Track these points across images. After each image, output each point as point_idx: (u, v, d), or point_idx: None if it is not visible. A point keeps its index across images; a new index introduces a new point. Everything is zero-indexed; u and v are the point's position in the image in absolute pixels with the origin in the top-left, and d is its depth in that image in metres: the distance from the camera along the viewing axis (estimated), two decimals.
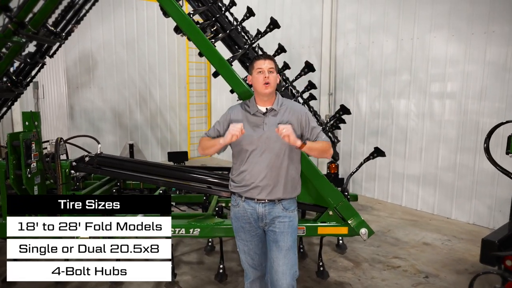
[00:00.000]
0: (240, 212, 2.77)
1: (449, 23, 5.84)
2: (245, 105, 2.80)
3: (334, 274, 4.24)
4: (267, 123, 2.69)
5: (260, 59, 2.70)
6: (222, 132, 2.74)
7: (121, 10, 9.20)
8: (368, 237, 3.52)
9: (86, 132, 8.93)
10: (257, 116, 2.72)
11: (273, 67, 2.68)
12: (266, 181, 2.67)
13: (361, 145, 7.21)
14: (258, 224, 2.76)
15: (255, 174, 2.67)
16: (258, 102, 2.75)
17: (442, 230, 5.59)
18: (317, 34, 7.65)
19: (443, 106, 6.02)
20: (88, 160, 3.54)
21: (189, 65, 10.26)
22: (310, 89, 4.54)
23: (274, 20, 3.83)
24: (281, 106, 2.73)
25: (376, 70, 6.83)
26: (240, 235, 2.83)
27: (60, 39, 5.63)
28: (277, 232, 2.71)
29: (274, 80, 2.67)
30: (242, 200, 2.75)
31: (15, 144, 3.30)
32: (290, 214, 2.75)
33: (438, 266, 4.49)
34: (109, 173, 3.62)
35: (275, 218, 2.71)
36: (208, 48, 3.49)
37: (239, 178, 2.75)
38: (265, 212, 2.71)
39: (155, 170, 3.59)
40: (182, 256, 4.64)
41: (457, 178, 5.95)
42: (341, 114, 3.88)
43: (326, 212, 3.57)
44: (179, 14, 3.44)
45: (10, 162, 3.29)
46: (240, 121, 2.69)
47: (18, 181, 3.36)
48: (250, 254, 2.83)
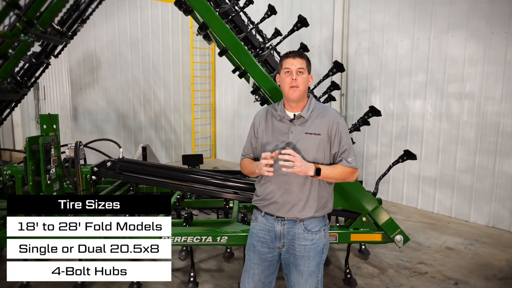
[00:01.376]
0: (256, 228, 2.49)
1: (468, 22, 5.73)
2: (272, 108, 2.48)
3: (361, 282, 4.10)
4: (293, 132, 2.35)
5: (289, 57, 2.33)
6: (255, 145, 2.51)
7: (125, 9, 9.01)
8: (403, 244, 3.39)
9: (89, 134, 8.73)
10: (283, 122, 2.39)
11: (303, 67, 2.32)
12: (286, 198, 2.36)
13: (374, 147, 7.08)
14: (274, 245, 2.43)
15: (274, 189, 2.38)
16: (287, 107, 2.42)
17: (462, 233, 5.48)
18: (328, 33, 7.52)
19: (461, 107, 5.91)
20: (110, 165, 3.36)
21: (193, 65, 10.08)
22: (332, 90, 4.40)
23: (302, 18, 3.68)
24: (311, 113, 2.38)
25: (390, 70, 6.71)
26: (249, 254, 2.51)
27: (66, 39, 5.46)
28: (297, 256, 2.39)
29: (303, 82, 2.32)
30: (262, 215, 2.47)
31: (34, 149, 3.11)
32: (313, 236, 2.39)
33: (465, 272, 4.37)
34: (132, 178, 3.45)
35: (294, 240, 2.39)
36: (237, 45, 3.34)
37: (260, 190, 2.47)
38: (284, 231, 2.39)
39: (180, 176, 3.42)
40: (200, 263, 4.48)
41: (475, 180, 5.84)
42: (370, 116, 3.73)
43: (359, 218, 3.42)
44: (208, 10, 3.26)
45: (29, 168, 3.10)
46: (263, 127, 2.44)
47: (37, 188, 3.18)
48: (253, 280, 2.47)
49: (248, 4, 4.54)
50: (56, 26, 5.15)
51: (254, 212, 2.55)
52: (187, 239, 3.37)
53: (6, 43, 4.69)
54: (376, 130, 6.94)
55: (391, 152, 6.80)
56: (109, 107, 9.07)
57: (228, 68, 9.98)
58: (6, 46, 4.73)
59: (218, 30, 3.30)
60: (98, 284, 3.97)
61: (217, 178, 3.67)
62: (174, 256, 4.65)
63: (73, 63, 8.52)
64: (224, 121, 10.53)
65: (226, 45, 3.35)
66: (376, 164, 7.05)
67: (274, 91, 3.23)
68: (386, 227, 3.37)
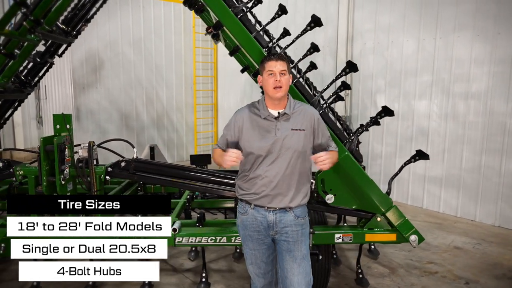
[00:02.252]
0: (248, 220, 2.61)
1: (474, 23, 5.74)
2: (254, 108, 2.62)
3: (372, 281, 4.10)
4: (279, 128, 2.52)
5: (272, 60, 2.50)
6: (231, 140, 2.62)
7: (128, 8, 8.97)
8: (418, 244, 3.38)
9: (92, 134, 8.70)
10: (269, 120, 2.54)
11: (285, 69, 2.50)
12: (277, 190, 2.52)
13: (378, 146, 7.09)
14: (268, 232, 2.60)
15: (266, 183, 2.52)
16: (269, 106, 2.57)
17: (469, 233, 5.49)
18: (333, 34, 7.52)
19: (467, 106, 5.93)
20: (124, 165, 3.33)
21: (196, 65, 10.06)
22: (342, 89, 4.37)
23: (316, 17, 3.67)
24: (293, 110, 2.58)
25: (395, 71, 6.72)
26: (248, 244, 2.67)
27: (71, 38, 5.44)
28: (291, 242, 2.57)
29: (286, 83, 2.50)
30: (251, 208, 2.59)
31: (48, 149, 3.08)
32: (302, 221, 2.61)
33: (475, 271, 4.38)
34: (146, 179, 3.42)
35: (286, 227, 2.56)
36: (252, 44, 3.33)
37: (247, 185, 2.59)
38: (276, 220, 2.56)
39: (195, 176, 3.40)
40: (210, 264, 4.46)
41: (482, 180, 5.86)
42: (383, 116, 3.72)
43: (374, 218, 3.42)
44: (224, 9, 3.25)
45: (43, 168, 3.07)
46: (247, 126, 2.56)
47: (51, 188, 3.15)
48: (257, 263, 2.68)
49: (256, 4, 4.52)
50: (61, 26, 5.13)
51: (243, 206, 2.65)
52: (202, 239, 3.34)
53: (13, 42, 4.65)
54: (381, 130, 6.95)
55: (396, 152, 6.81)
56: (112, 107, 9.03)
57: (230, 68, 10.00)
58: (12, 45, 4.69)
59: (234, 28, 3.29)
60: (110, 284, 3.96)
61: (232, 178, 3.63)
62: (183, 256, 4.64)
63: (76, 63, 8.48)
64: (227, 121, 10.47)
65: (241, 44, 3.34)
66: (381, 164, 7.06)
67: (291, 90, 3.23)
68: (401, 227, 3.36)
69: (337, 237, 3.39)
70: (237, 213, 2.71)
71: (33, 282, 3.74)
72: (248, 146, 2.54)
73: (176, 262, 4.51)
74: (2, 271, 4.20)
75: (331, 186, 3.34)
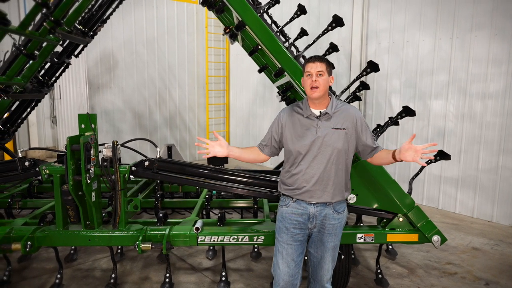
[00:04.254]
0: (288, 212, 2.71)
1: (492, 22, 5.70)
2: (297, 107, 2.75)
3: (392, 282, 4.09)
4: (320, 127, 2.63)
5: (310, 61, 2.63)
6: (277, 137, 2.78)
7: (142, 8, 9.03)
8: (441, 245, 3.37)
9: (106, 133, 8.77)
10: (311, 119, 2.66)
11: (323, 70, 2.58)
12: (318, 186, 2.63)
13: (393, 146, 7.01)
14: (307, 225, 2.69)
15: (307, 179, 2.64)
16: (311, 105, 2.69)
17: (487, 234, 5.46)
18: (347, 33, 7.50)
19: (484, 107, 5.88)
20: (147, 164, 3.36)
21: (208, 65, 10.09)
22: (362, 89, 4.37)
23: (338, 17, 3.66)
24: (335, 110, 2.67)
25: (411, 70, 6.69)
26: (282, 236, 2.74)
27: (88, 38, 5.50)
28: (326, 233, 2.70)
29: (323, 83, 2.58)
30: (293, 201, 2.70)
31: (74, 148, 3.12)
32: (340, 215, 2.73)
33: (495, 272, 4.35)
34: (170, 178, 3.44)
35: (325, 220, 2.68)
36: (275, 43, 3.34)
37: (290, 181, 2.71)
38: (317, 213, 2.67)
39: (218, 176, 3.40)
40: (229, 263, 4.47)
41: (499, 181, 5.81)
42: (403, 116, 3.71)
43: (396, 219, 3.41)
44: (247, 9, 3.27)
45: (69, 167, 3.11)
46: (290, 124, 2.70)
47: (77, 187, 3.19)
48: (287, 260, 2.70)
49: (274, 3, 4.53)
50: (78, 26, 5.19)
51: (284, 198, 2.77)
52: (224, 238, 3.36)
53: (33, 42, 4.71)
54: (396, 130, 6.93)
55: None
56: (125, 107, 9.10)
57: (242, 68, 10.02)
58: (33, 46, 4.75)
59: (258, 29, 3.31)
60: (130, 283, 4.00)
61: (257, 178, 3.63)
62: (201, 255, 4.66)
63: (91, 63, 8.55)
64: (238, 121, 10.53)
65: (265, 44, 3.35)
66: (396, 164, 7.03)
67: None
68: (424, 227, 3.36)
69: (359, 237, 3.40)
70: (278, 206, 2.81)
71: (55, 280, 3.80)
72: (290, 143, 2.68)
73: (194, 261, 4.53)
74: (24, 268, 4.26)
75: (353, 186, 3.33)
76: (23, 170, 3.72)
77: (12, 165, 3.79)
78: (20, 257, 4.38)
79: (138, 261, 4.50)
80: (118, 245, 4.33)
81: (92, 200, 3.29)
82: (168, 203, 4.64)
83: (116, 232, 3.39)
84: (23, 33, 4.29)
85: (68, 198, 3.26)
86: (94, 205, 3.34)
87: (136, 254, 4.62)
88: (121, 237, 3.38)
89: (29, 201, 4.76)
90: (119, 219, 3.38)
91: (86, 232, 3.39)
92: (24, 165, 3.72)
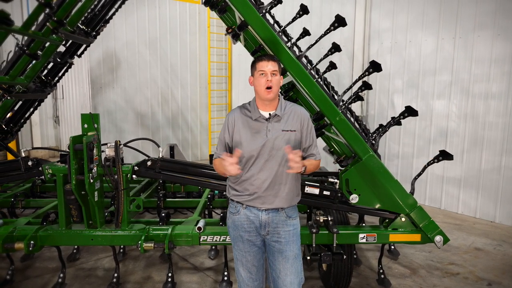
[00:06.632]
0: (240, 220, 2.56)
1: (495, 22, 5.69)
2: (244, 109, 2.58)
3: (394, 282, 4.09)
4: (270, 130, 2.49)
5: (263, 60, 2.48)
6: (230, 143, 2.56)
7: (144, 8, 9.05)
8: (443, 245, 3.37)
9: (108, 133, 8.79)
10: (260, 122, 2.51)
11: (276, 69, 2.47)
12: (269, 191, 2.49)
13: (395, 147, 7.06)
14: (259, 232, 2.56)
15: (258, 184, 2.49)
16: (260, 107, 2.53)
17: (489, 234, 5.45)
18: (349, 33, 7.50)
19: (487, 107, 5.87)
20: (150, 164, 3.37)
21: (210, 65, 10.10)
22: (364, 89, 4.37)
23: (340, 17, 3.66)
24: (284, 111, 2.55)
25: (413, 70, 6.68)
26: (238, 245, 2.61)
27: (91, 38, 5.51)
28: (283, 242, 2.54)
29: (277, 83, 2.47)
30: (244, 208, 2.55)
31: (77, 148, 3.14)
32: (294, 221, 2.59)
33: (497, 272, 4.34)
34: (172, 178, 3.45)
35: (278, 227, 2.54)
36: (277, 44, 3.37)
37: (240, 187, 2.55)
38: (268, 219, 2.53)
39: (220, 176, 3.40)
40: (231, 263, 4.45)
41: (502, 181, 5.80)
42: (406, 116, 3.70)
43: (398, 219, 3.41)
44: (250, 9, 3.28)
45: (72, 167, 3.12)
46: (239, 127, 2.51)
47: (80, 186, 3.20)
48: (247, 267, 2.60)
49: (276, 3, 4.54)
50: (81, 26, 5.21)
51: (233, 205, 2.61)
52: (226, 238, 3.37)
53: (37, 42, 4.73)
54: (398, 130, 6.92)
55: (414, 152, 6.77)
56: (128, 107, 9.12)
57: (244, 68, 10.03)
58: (36, 46, 4.77)
59: (261, 29, 3.31)
60: (132, 282, 4.01)
61: None
62: (203, 255, 4.67)
63: (93, 63, 8.58)
64: None
65: (267, 44, 3.35)
66: (398, 165, 7.03)
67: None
68: (426, 227, 3.35)
69: (361, 237, 3.40)
70: (228, 213, 2.67)
71: (58, 279, 3.82)
72: (240, 147, 2.49)
73: (196, 260, 4.54)
74: (27, 268, 4.28)
75: (355, 186, 3.35)
76: (26, 170, 3.74)
77: (15, 164, 3.81)
78: (23, 256, 4.40)
79: (140, 260, 4.51)
80: (120, 245, 4.34)
81: (95, 199, 3.30)
82: (170, 202, 4.66)
83: (119, 231, 3.41)
84: (26, 33, 4.30)
85: (71, 198, 3.28)
86: (96, 205, 3.35)
87: (139, 254, 4.63)
88: (124, 237, 3.40)
89: (32, 201, 4.79)
90: (121, 219, 3.39)
91: (88, 232, 3.41)
92: (27, 164, 3.74)
